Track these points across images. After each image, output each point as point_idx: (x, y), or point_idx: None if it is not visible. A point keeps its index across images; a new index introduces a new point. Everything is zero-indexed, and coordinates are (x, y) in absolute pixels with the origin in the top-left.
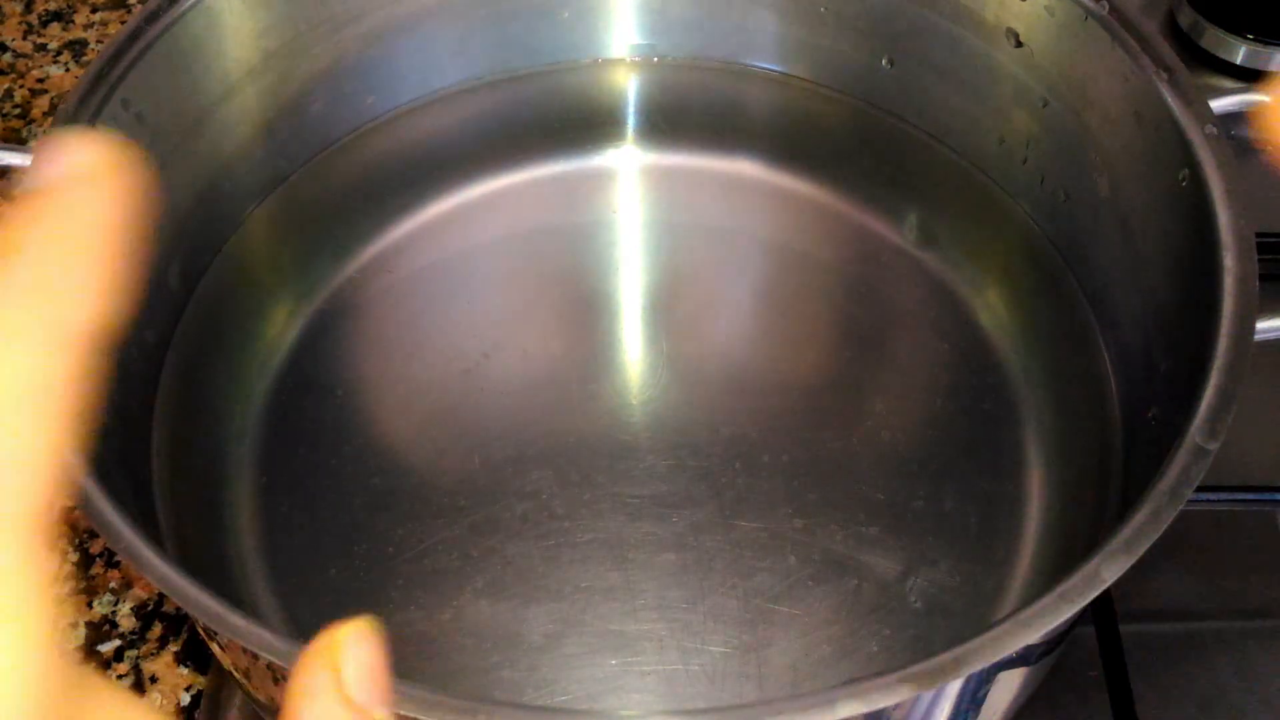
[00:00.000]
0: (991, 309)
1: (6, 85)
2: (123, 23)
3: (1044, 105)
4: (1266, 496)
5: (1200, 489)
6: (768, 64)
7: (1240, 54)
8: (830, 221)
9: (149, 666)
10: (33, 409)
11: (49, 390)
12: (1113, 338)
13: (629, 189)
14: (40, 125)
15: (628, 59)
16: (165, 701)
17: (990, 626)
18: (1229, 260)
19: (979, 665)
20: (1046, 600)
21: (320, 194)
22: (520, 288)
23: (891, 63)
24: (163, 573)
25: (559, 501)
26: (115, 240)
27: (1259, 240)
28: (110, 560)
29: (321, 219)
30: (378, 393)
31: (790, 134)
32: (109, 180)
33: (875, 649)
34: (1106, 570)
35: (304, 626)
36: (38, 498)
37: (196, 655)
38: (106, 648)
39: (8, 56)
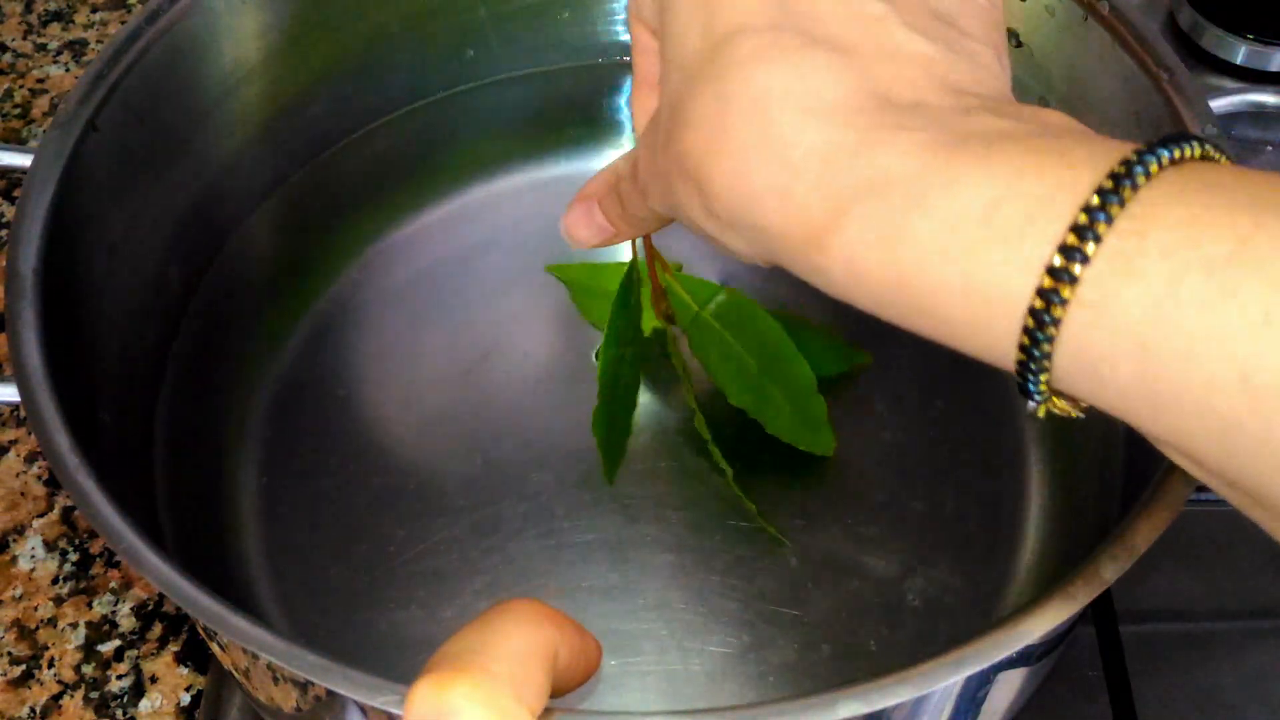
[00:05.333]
0: None
1: (6, 85)
2: (123, 23)
3: (1043, 105)
4: None
5: (1200, 489)
6: None
7: (1240, 54)
8: None
9: (149, 666)
10: None
11: None
12: None
13: None
14: (40, 125)
15: (628, 59)
16: (165, 701)
17: (990, 626)
18: None
19: (979, 665)
20: (1046, 600)
21: (320, 194)
22: (520, 288)
23: None
24: (163, 573)
25: (559, 501)
26: None
27: None
28: (110, 560)
29: (321, 219)
30: (378, 393)
31: None
32: None
33: (875, 649)
34: (1106, 570)
35: (304, 626)
36: None
37: (196, 655)
38: (106, 648)
39: (8, 56)
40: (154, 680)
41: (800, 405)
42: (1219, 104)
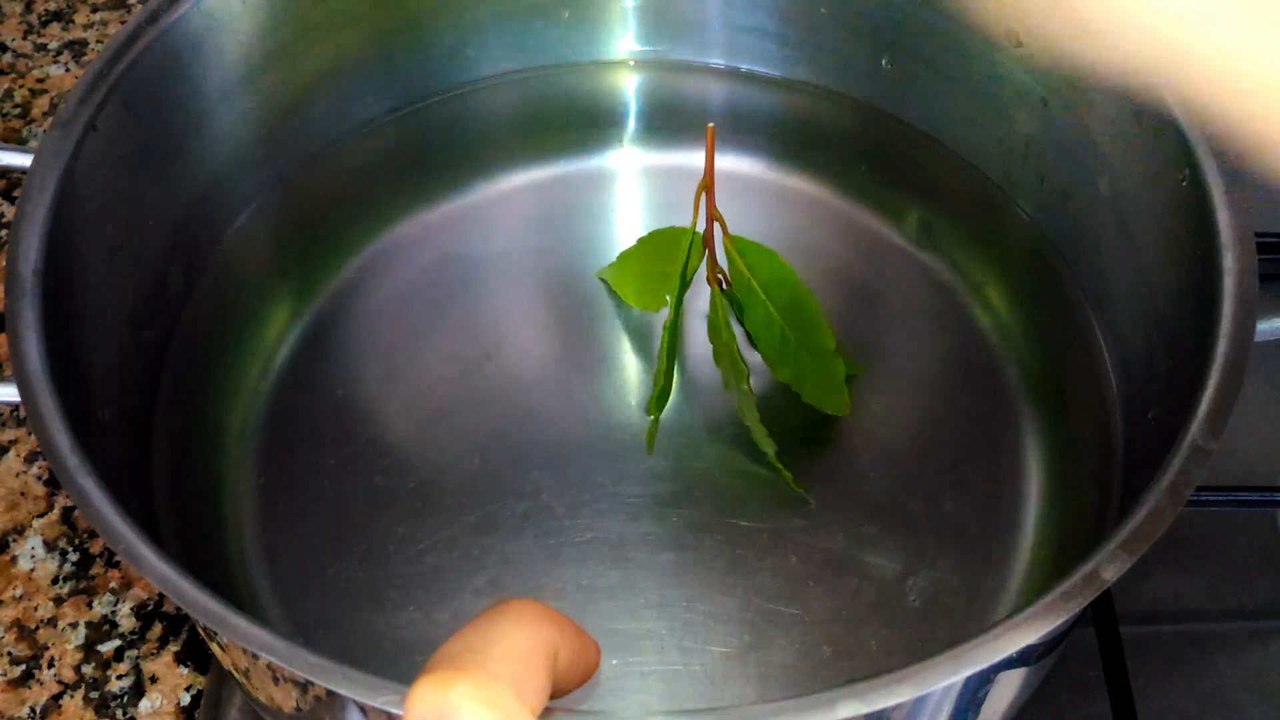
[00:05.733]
0: (991, 309)
1: (6, 85)
2: (123, 23)
3: (1044, 105)
4: (1266, 496)
5: (1200, 489)
6: (767, 65)
7: None
8: (830, 221)
9: (149, 666)
10: None
11: None
12: (1113, 338)
13: (629, 189)
14: (40, 125)
15: (627, 60)
16: (165, 701)
17: (990, 626)
18: (1229, 260)
19: (979, 665)
20: (1046, 600)
21: (320, 194)
22: (520, 288)
23: (891, 63)
24: (163, 573)
25: (559, 501)
26: None
27: (1259, 240)
28: (110, 560)
29: (321, 219)
30: (378, 393)
31: (791, 134)
32: None
33: (875, 649)
34: (1106, 570)
35: (304, 626)
36: None
37: (196, 655)
38: (106, 648)
39: (8, 56)
40: (154, 680)
41: (823, 367)
42: None
